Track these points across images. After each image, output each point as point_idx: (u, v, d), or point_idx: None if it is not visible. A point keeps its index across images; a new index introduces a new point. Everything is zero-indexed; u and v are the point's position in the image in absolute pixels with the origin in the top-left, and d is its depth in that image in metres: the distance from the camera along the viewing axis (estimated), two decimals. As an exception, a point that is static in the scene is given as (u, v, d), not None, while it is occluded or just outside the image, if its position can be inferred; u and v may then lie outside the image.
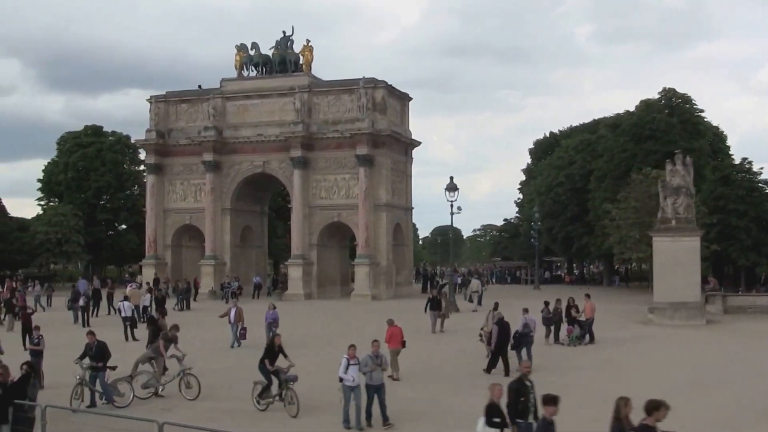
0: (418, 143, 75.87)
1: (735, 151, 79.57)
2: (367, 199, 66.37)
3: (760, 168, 68.07)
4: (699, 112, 76.37)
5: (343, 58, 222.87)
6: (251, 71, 73.71)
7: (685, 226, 45.17)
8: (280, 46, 72.43)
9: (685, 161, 46.25)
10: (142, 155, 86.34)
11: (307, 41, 71.91)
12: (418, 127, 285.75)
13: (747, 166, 67.85)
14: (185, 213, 73.48)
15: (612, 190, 69.81)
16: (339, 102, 69.13)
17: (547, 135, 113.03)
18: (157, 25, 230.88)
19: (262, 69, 73.23)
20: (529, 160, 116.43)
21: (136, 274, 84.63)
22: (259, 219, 78.43)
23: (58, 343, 31.40)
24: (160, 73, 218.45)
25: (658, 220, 46.62)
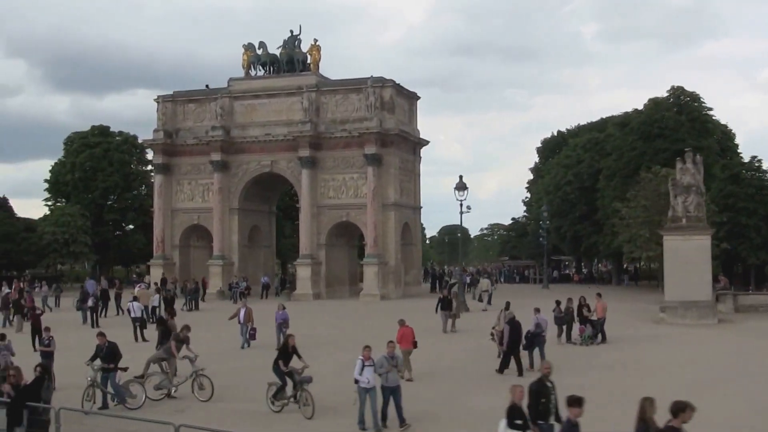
0: (427, 142, 75.78)
1: (742, 149, 79.07)
2: (376, 199, 66.23)
3: (770, 166, 67.76)
4: (707, 110, 75.93)
5: (349, 57, 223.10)
6: (259, 71, 73.61)
7: (695, 224, 44.95)
8: (287, 46, 72.29)
9: (695, 159, 45.99)
10: (149, 155, 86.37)
11: (315, 40, 72.00)
12: (424, 126, 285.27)
13: (756, 164, 67.51)
14: (193, 213, 73.41)
15: (621, 188, 69.48)
16: (347, 101, 68.98)
17: (554, 134, 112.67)
18: (163, 25, 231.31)
19: (270, 68, 73.13)
20: (537, 158, 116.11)
21: (143, 274, 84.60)
22: (267, 219, 78.31)
23: (68, 344, 31.30)
24: (167, 74, 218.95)
25: (668, 218, 46.38)
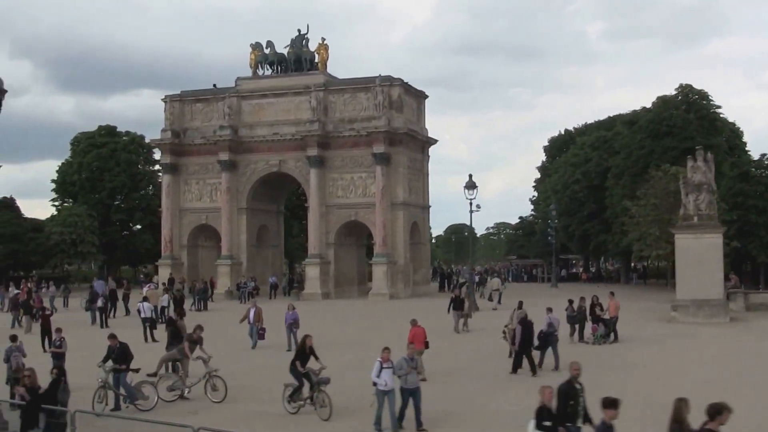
0: (435, 141, 75.64)
1: (748, 148, 78.77)
2: (384, 198, 66.09)
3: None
4: (716, 108, 75.64)
5: (355, 56, 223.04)
6: (266, 70, 73.51)
7: (707, 222, 44.78)
8: (295, 45, 72.16)
9: (706, 157, 45.80)
10: (156, 155, 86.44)
11: (323, 39, 71.86)
12: (430, 125, 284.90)
13: (766, 162, 67.19)
14: (201, 213, 73.32)
15: (630, 187, 69.33)
16: (355, 100, 68.86)
17: (561, 132, 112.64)
18: (168, 25, 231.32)
19: (278, 68, 73.04)
20: (544, 157, 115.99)
21: (150, 274, 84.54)
22: (275, 218, 78.17)
23: (77, 345, 31.11)
24: (172, 74, 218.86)
25: (680, 216, 46.22)
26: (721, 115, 76.06)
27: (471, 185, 52.73)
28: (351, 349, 32.79)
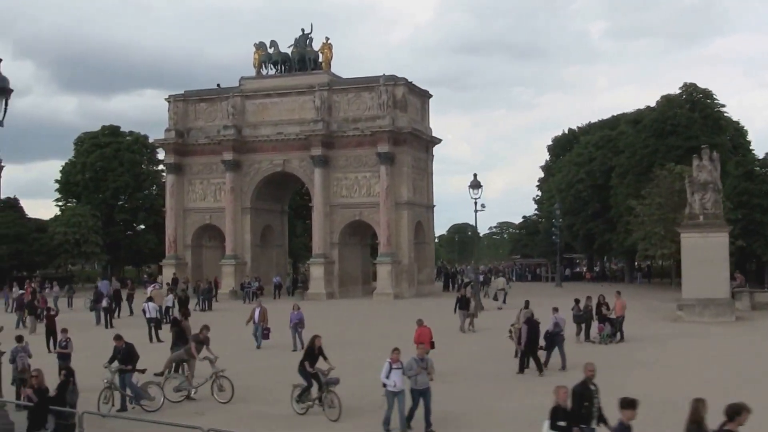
0: (439, 140, 75.57)
1: (752, 147, 78.58)
2: (389, 197, 65.97)
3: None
4: (720, 107, 75.50)
5: (357, 56, 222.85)
6: (270, 70, 73.40)
7: (713, 221, 44.70)
8: (299, 44, 72.06)
9: (712, 156, 45.72)
10: (159, 155, 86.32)
11: (326, 39, 71.72)
12: (432, 124, 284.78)
13: (771, 161, 67.15)
14: (205, 212, 73.23)
15: (634, 186, 69.23)
16: (359, 100, 68.75)
17: (565, 132, 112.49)
18: (171, 24, 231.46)
19: (281, 67, 72.95)
20: (547, 156, 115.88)
21: (154, 274, 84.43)
22: (279, 218, 78.07)
23: (82, 345, 30.94)
24: (174, 74, 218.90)
25: (685, 215, 46.13)
26: (725, 114, 75.95)
27: (476, 185, 52.51)
28: (357, 349, 32.65)
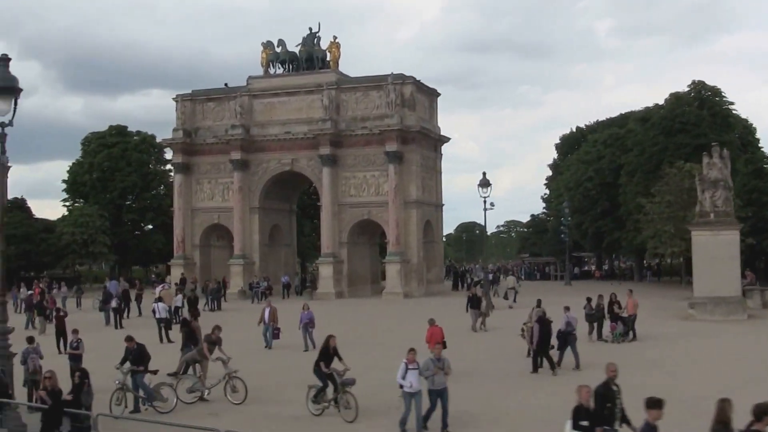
0: (447, 139, 75.45)
1: (761, 144, 78.30)
2: (397, 196, 65.81)
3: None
4: (729, 104, 75.31)
5: (363, 55, 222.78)
6: (278, 68, 73.27)
7: (724, 219, 44.53)
8: (306, 43, 71.91)
9: (722, 154, 45.60)
10: (167, 155, 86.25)
11: (334, 38, 71.53)
12: (440, 123, 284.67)
13: (781, 159, 66.97)
14: (213, 212, 73.11)
15: (643, 184, 69.04)
16: (367, 98, 68.57)
17: (573, 130, 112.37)
18: (177, 24, 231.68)
19: (289, 66, 72.81)
20: (555, 155, 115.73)
21: (162, 274, 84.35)
22: (287, 217, 77.95)
23: (92, 346, 30.75)
24: (180, 74, 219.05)
25: (696, 213, 45.98)
26: (733, 112, 75.77)
27: (485, 183, 52.30)
28: (369, 349, 32.50)
